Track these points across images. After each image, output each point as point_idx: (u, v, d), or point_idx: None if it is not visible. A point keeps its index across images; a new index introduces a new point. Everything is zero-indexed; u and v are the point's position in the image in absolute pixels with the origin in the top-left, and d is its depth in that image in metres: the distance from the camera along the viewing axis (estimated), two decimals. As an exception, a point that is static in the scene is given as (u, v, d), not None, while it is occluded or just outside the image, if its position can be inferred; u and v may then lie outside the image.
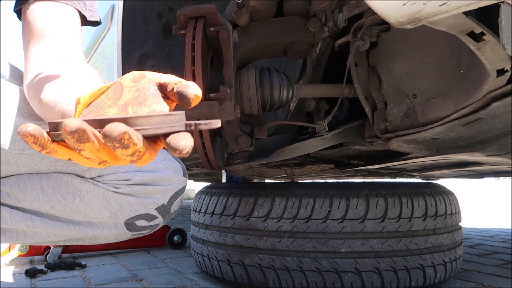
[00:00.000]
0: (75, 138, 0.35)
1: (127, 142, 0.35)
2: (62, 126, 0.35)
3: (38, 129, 0.36)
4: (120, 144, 0.34)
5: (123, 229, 0.76)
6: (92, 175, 0.73)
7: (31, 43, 0.70)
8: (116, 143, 0.34)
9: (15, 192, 0.71)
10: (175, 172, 0.77)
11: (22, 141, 0.68)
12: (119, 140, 0.34)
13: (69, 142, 0.35)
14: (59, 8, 0.74)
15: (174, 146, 0.36)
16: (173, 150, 0.36)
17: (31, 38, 0.71)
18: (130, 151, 0.36)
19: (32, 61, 0.69)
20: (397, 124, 0.98)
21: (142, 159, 0.38)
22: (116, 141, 0.34)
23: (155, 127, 0.39)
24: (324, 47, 1.12)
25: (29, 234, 0.74)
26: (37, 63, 0.68)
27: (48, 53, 0.69)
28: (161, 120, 0.39)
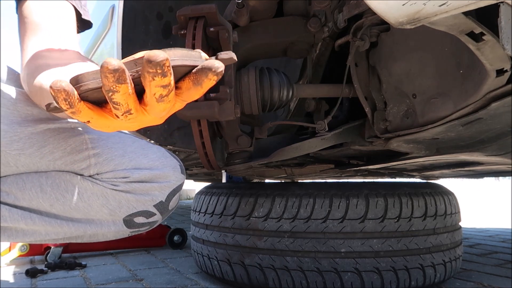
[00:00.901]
0: (115, 77, 0.37)
1: (166, 69, 0.37)
2: (104, 65, 0.36)
3: (71, 87, 0.38)
4: (162, 70, 0.37)
5: (121, 226, 0.76)
6: (91, 173, 0.73)
7: (27, 36, 0.71)
8: (158, 68, 0.36)
9: (14, 190, 0.71)
10: (173, 169, 0.77)
11: (21, 141, 0.68)
12: (162, 65, 0.36)
13: (107, 81, 0.37)
14: (55, 3, 0.74)
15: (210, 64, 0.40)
16: (209, 69, 0.40)
17: (28, 31, 0.71)
18: (167, 80, 0.38)
19: (29, 52, 0.69)
20: (397, 124, 0.98)
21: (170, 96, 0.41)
22: (159, 66, 0.36)
23: (183, 58, 0.41)
24: (324, 47, 1.12)
25: (28, 232, 0.74)
26: (33, 53, 0.68)
27: (44, 45, 0.69)
28: (185, 54, 0.42)
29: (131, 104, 0.41)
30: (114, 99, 0.39)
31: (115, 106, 0.40)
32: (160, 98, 0.40)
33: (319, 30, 1.00)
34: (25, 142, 0.68)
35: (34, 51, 0.68)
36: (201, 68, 0.40)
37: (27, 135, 0.68)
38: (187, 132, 1.42)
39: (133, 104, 0.41)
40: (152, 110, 0.43)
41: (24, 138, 0.68)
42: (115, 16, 1.37)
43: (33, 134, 0.69)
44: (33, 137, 0.69)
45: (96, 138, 0.75)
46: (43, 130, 0.70)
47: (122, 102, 0.40)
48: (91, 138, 0.74)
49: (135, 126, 0.47)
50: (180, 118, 0.85)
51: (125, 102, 0.40)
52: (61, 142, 0.71)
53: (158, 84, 0.38)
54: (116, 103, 0.40)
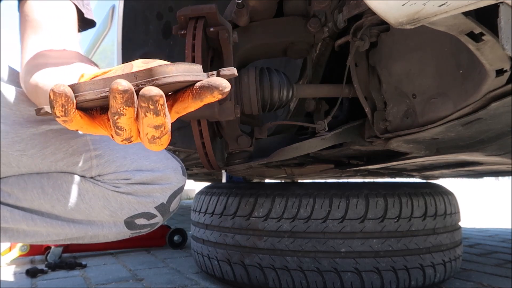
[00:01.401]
0: (124, 99, 0.35)
1: (159, 107, 0.35)
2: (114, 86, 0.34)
3: (72, 93, 0.36)
4: (154, 107, 0.34)
5: (123, 227, 0.76)
6: (92, 175, 0.74)
7: (27, 35, 0.71)
8: (151, 104, 0.34)
9: (16, 191, 0.72)
10: (174, 171, 0.78)
11: (23, 142, 0.68)
12: (155, 101, 0.34)
13: (115, 103, 0.35)
14: (57, 2, 0.74)
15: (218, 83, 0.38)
16: (216, 87, 0.37)
17: (28, 29, 0.71)
18: (159, 120, 0.36)
19: (28, 51, 0.69)
20: (397, 124, 0.99)
21: (163, 139, 0.38)
22: (151, 101, 0.34)
23: (183, 74, 0.39)
24: (324, 47, 1.12)
25: (29, 233, 0.74)
26: (33, 51, 0.69)
27: (44, 43, 0.69)
28: (187, 69, 0.40)
29: (134, 131, 0.39)
30: (119, 124, 0.37)
31: (118, 131, 0.38)
32: (152, 139, 0.38)
33: (319, 30, 1.00)
34: (27, 143, 0.68)
35: (34, 49, 0.69)
36: (208, 86, 0.38)
37: (29, 136, 0.68)
38: (187, 132, 1.42)
39: (135, 132, 0.39)
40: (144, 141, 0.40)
41: (26, 139, 0.68)
42: (115, 16, 1.37)
43: (35, 135, 0.69)
44: (35, 138, 0.69)
45: (98, 140, 0.75)
46: (45, 131, 0.70)
47: (127, 127, 0.37)
48: (93, 139, 0.74)
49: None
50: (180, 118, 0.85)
51: (129, 128, 0.38)
52: (63, 144, 0.71)
53: (150, 124, 0.36)
54: (120, 128, 0.38)
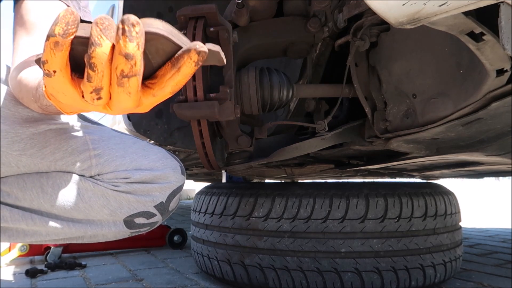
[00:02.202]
0: (103, 26, 0.35)
1: (134, 33, 0.35)
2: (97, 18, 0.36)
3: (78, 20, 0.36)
4: (128, 29, 0.35)
5: (122, 226, 0.76)
6: (92, 174, 0.73)
7: (20, 35, 0.71)
8: (126, 25, 0.35)
9: (15, 191, 0.72)
10: (173, 170, 0.78)
11: (22, 142, 0.68)
12: (130, 23, 0.35)
13: (94, 31, 0.35)
14: (52, 5, 0.74)
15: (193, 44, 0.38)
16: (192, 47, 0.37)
17: (22, 30, 0.72)
18: (131, 47, 0.35)
19: (20, 51, 0.70)
20: (397, 124, 0.98)
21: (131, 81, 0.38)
22: (127, 23, 0.34)
23: (168, 32, 0.38)
24: (324, 47, 1.12)
25: (29, 233, 0.74)
26: (24, 52, 0.69)
27: (36, 44, 0.70)
28: (175, 32, 0.39)
29: (105, 79, 0.38)
30: (93, 58, 0.36)
31: (89, 72, 0.37)
32: (120, 76, 0.37)
33: (319, 30, 1.00)
34: (26, 142, 0.68)
35: (25, 50, 0.69)
36: (185, 49, 0.38)
37: (28, 135, 0.68)
38: (187, 132, 1.42)
39: (107, 80, 0.38)
40: (115, 102, 0.40)
41: (26, 139, 0.68)
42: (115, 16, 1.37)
43: (35, 134, 0.69)
44: (35, 138, 0.69)
45: (97, 139, 0.75)
46: (44, 131, 0.70)
47: (99, 66, 0.37)
48: (92, 139, 0.74)
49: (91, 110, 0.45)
50: (180, 118, 0.85)
51: (101, 69, 0.37)
52: (62, 143, 0.71)
53: (121, 51, 0.35)
54: (92, 66, 0.37)
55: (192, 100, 0.82)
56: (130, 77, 0.37)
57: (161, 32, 0.38)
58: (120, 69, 0.37)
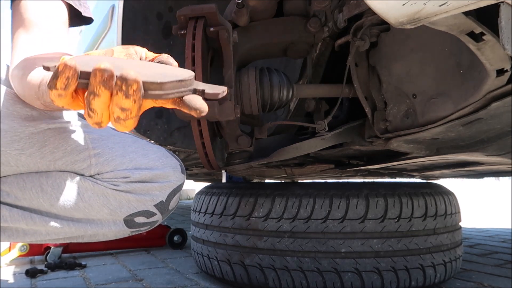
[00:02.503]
0: (102, 78, 0.37)
1: (131, 92, 0.36)
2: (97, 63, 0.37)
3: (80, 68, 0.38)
4: (125, 89, 0.36)
5: (122, 226, 0.76)
6: (91, 173, 0.73)
7: (19, 33, 0.72)
8: (124, 85, 0.36)
9: (14, 190, 0.71)
10: (173, 169, 0.77)
11: (21, 141, 0.68)
12: (128, 84, 0.36)
13: (94, 80, 0.37)
14: (49, 3, 0.74)
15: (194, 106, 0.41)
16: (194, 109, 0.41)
17: (21, 28, 0.72)
18: (127, 103, 0.37)
19: (19, 48, 0.70)
20: (397, 124, 0.98)
21: (127, 122, 0.40)
22: (125, 83, 0.36)
23: (167, 92, 0.40)
24: (324, 47, 1.12)
25: (29, 232, 0.74)
26: (23, 49, 0.70)
27: (35, 42, 0.70)
28: (173, 86, 0.41)
29: (105, 117, 0.40)
30: (92, 105, 0.38)
31: (90, 113, 0.40)
32: (116, 119, 0.39)
33: (319, 30, 1.00)
34: (25, 142, 0.68)
35: (24, 48, 0.70)
36: (188, 105, 0.41)
37: (27, 135, 0.68)
38: (187, 132, 1.42)
39: (106, 118, 0.41)
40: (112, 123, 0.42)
41: (25, 138, 0.68)
42: (115, 16, 1.37)
43: (34, 134, 0.69)
44: (34, 137, 0.69)
45: (96, 138, 0.75)
46: (44, 130, 0.70)
47: (98, 111, 0.39)
48: (92, 138, 0.74)
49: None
50: (180, 118, 0.85)
51: (100, 112, 0.39)
52: (62, 142, 0.71)
53: (118, 104, 0.37)
54: (92, 110, 0.39)
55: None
56: (126, 120, 0.40)
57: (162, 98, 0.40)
58: (117, 115, 0.39)
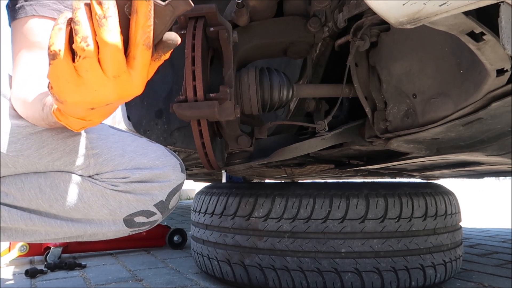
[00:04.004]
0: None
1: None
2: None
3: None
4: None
5: (122, 225, 0.76)
6: (90, 173, 0.73)
7: (21, 51, 0.73)
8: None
9: (13, 191, 0.71)
10: (173, 168, 0.77)
11: (18, 143, 0.68)
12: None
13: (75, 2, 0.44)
14: (51, 23, 0.76)
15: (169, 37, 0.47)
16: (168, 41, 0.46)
17: (23, 47, 0.74)
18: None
19: (21, 65, 0.71)
20: (397, 124, 0.98)
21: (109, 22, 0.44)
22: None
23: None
24: (324, 47, 1.12)
25: (28, 233, 0.74)
26: (25, 69, 0.71)
27: (37, 61, 0.71)
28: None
29: (88, 28, 0.45)
30: (76, 18, 0.44)
31: (75, 27, 0.44)
32: (99, 18, 0.44)
33: (319, 30, 1.00)
34: (23, 143, 0.68)
35: (27, 65, 0.71)
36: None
37: (25, 136, 0.68)
38: (187, 132, 1.42)
39: (89, 31, 0.45)
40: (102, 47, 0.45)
41: (22, 139, 0.68)
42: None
43: (31, 134, 0.68)
44: (31, 138, 0.69)
45: (95, 138, 0.74)
46: (41, 131, 0.70)
47: (81, 20, 0.44)
48: (90, 138, 0.74)
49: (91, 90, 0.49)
50: (180, 118, 0.85)
51: (84, 21, 0.44)
52: (60, 143, 0.71)
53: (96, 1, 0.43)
54: (76, 22, 0.44)
55: (192, 100, 0.82)
56: (107, 18, 0.44)
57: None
58: (98, 14, 0.44)
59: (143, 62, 0.48)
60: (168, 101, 1.42)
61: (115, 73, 0.47)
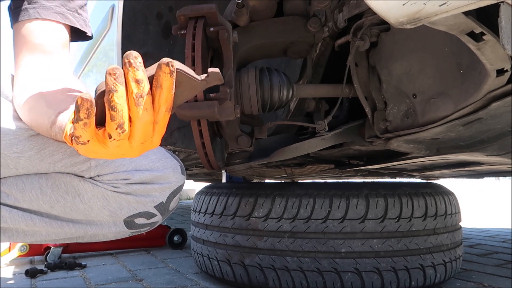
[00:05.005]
0: (116, 75, 0.44)
1: (138, 64, 0.44)
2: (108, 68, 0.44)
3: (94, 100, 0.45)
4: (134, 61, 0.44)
5: (122, 227, 0.76)
6: (91, 175, 0.73)
7: (23, 53, 0.73)
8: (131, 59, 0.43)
9: (14, 192, 0.71)
10: (173, 170, 0.77)
11: (20, 144, 0.68)
12: (133, 57, 0.44)
13: (109, 80, 0.44)
14: (55, 28, 0.76)
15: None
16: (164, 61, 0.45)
17: (24, 49, 0.74)
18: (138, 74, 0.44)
19: (22, 67, 0.72)
20: (397, 124, 0.98)
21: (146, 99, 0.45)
22: (129, 58, 0.43)
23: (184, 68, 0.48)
24: (324, 47, 1.12)
25: (29, 233, 0.74)
26: (27, 71, 0.71)
27: (39, 63, 0.72)
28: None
29: (125, 114, 0.45)
30: (112, 102, 0.44)
31: (112, 114, 0.45)
32: (136, 98, 0.45)
33: (319, 30, 1.00)
34: (24, 144, 0.68)
35: (28, 67, 0.71)
36: (156, 65, 0.46)
37: (26, 137, 0.68)
38: (187, 132, 1.42)
39: (126, 117, 0.46)
40: (136, 125, 0.47)
41: (24, 141, 0.68)
42: (115, 16, 1.37)
43: (33, 136, 0.68)
44: (33, 140, 0.69)
45: None
46: None
47: (118, 106, 0.44)
48: None
49: (118, 155, 0.51)
50: (180, 118, 0.85)
51: (120, 108, 0.44)
52: (61, 144, 0.71)
53: (132, 78, 0.44)
54: (113, 108, 0.44)
55: (192, 100, 0.82)
56: (144, 97, 0.45)
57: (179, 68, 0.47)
58: (135, 92, 0.45)
59: (164, 124, 0.50)
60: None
61: (143, 141, 0.49)
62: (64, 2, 0.77)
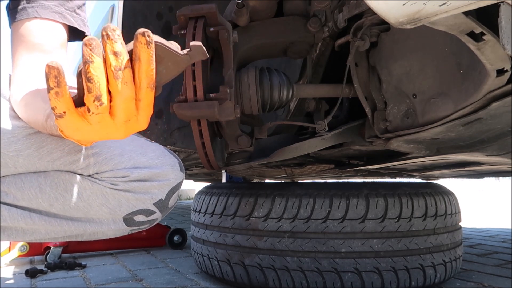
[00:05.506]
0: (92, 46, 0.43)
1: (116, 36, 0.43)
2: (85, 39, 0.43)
3: (62, 67, 0.43)
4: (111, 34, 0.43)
5: (121, 224, 0.76)
6: (90, 173, 0.73)
7: (21, 52, 0.74)
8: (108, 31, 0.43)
9: (13, 190, 0.71)
10: (172, 167, 0.77)
11: (18, 142, 0.68)
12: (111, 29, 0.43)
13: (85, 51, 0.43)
14: (54, 27, 0.76)
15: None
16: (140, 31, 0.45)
17: (22, 48, 0.74)
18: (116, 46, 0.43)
19: (20, 66, 0.72)
20: (397, 124, 0.98)
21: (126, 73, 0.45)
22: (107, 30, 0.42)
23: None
24: (324, 47, 1.12)
25: (28, 231, 0.74)
26: (24, 70, 0.71)
27: (36, 63, 0.72)
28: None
29: (103, 86, 0.44)
30: (89, 73, 0.43)
31: (89, 85, 0.44)
32: (115, 70, 0.44)
33: (319, 30, 1.00)
34: (23, 143, 0.68)
35: (26, 66, 0.71)
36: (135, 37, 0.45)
37: (25, 136, 0.68)
38: (187, 132, 1.42)
39: (104, 89, 0.45)
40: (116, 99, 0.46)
41: (22, 139, 0.68)
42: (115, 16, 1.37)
43: (31, 134, 0.69)
44: (31, 138, 0.69)
45: None
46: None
47: (95, 78, 0.43)
48: None
49: (102, 134, 0.51)
50: (180, 118, 0.85)
51: (97, 80, 0.43)
52: (60, 142, 0.71)
53: (110, 50, 0.43)
54: (90, 79, 0.43)
55: (192, 100, 0.82)
56: (122, 69, 0.44)
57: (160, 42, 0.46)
58: (113, 65, 0.44)
59: (148, 102, 0.49)
60: (168, 101, 1.42)
61: (126, 118, 0.49)
62: (63, 1, 0.77)
